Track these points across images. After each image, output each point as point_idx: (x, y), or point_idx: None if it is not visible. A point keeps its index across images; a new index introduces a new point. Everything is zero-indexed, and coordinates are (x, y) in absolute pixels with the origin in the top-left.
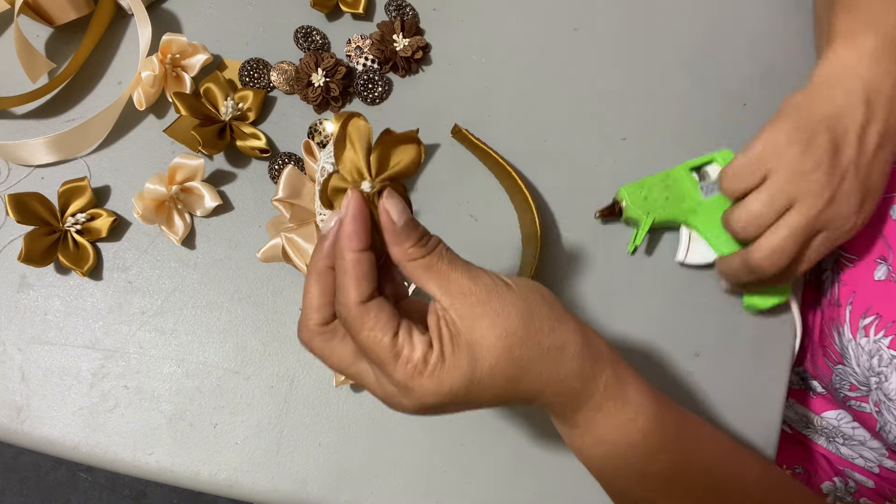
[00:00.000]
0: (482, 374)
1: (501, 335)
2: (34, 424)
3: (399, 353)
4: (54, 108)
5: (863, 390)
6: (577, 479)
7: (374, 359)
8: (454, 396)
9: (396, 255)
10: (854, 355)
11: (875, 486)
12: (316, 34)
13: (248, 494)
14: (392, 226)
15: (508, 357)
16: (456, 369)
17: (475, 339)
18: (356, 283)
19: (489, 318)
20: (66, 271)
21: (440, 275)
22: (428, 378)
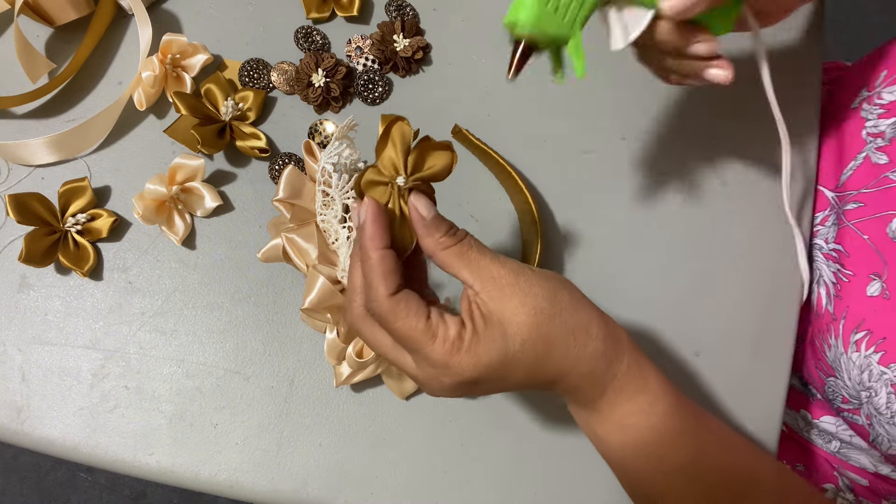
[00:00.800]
0: (515, 350)
1: (531, 313)
2: (34, 424)
3: (435, 333)
4: (54, 108)
5: (854, 403)
6: (576, 478)
7: (411, 345)
8: (490, 371)
9: (429, 245)
10: (845, 369)
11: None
12: (316, 34)
13: (248, 494)
14: (422, 219)
15: (537, 334)
16: (491, 343)
17: (506, 317)
18: (384, 278)
19: (518, 298)
20: (66, 271)
21: (471, 261)
22: (465, 353)
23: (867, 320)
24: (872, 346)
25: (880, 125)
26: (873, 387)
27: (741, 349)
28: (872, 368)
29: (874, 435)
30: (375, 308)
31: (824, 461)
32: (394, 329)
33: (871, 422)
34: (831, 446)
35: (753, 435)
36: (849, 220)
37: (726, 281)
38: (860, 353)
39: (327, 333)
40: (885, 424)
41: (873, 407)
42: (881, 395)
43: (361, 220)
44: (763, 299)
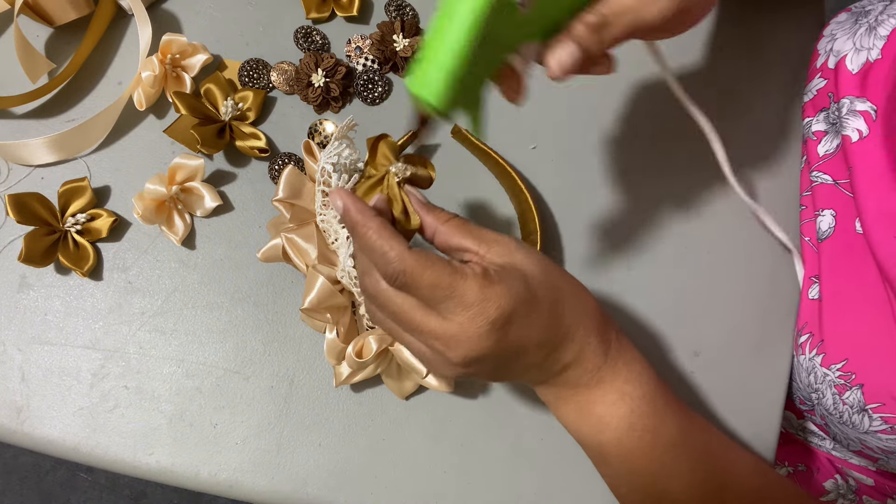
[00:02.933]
0: (536, 283)
1: (538, 262)
2: (34, 425)
3: (465, 273)
4: (54, 108)
5: (808, 405)
6: (576, 478)
7: (443, 292)
8: (521, 302)
9: (431, 222)
10: (796, 372)
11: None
12: (316, 34)
13: (248, 494)
14: (421, 200)
15: (549, 279)
16: (514, 277)
17: (517, 264)
18: (396, 237)
19: (523, 253)
20: (66, 271)
21: (472, 230)
22: (498, 284)
23: (809, 323)
24: (815, 349)
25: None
26: (820, 388)
27: (741, 349)
28: (817, 371)
29: (832, 433)
30: (397, 267)
31: (826, 461)
32: (423, 280)
33: (825, 422)
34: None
35: (753, 435)
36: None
37: (726, 281)
38: (805, 355)
39: (327, 333)
40: (837, 424)
41: (823, 408)
42: (827, 396)
43: (341, 208)
44: (763, 299)
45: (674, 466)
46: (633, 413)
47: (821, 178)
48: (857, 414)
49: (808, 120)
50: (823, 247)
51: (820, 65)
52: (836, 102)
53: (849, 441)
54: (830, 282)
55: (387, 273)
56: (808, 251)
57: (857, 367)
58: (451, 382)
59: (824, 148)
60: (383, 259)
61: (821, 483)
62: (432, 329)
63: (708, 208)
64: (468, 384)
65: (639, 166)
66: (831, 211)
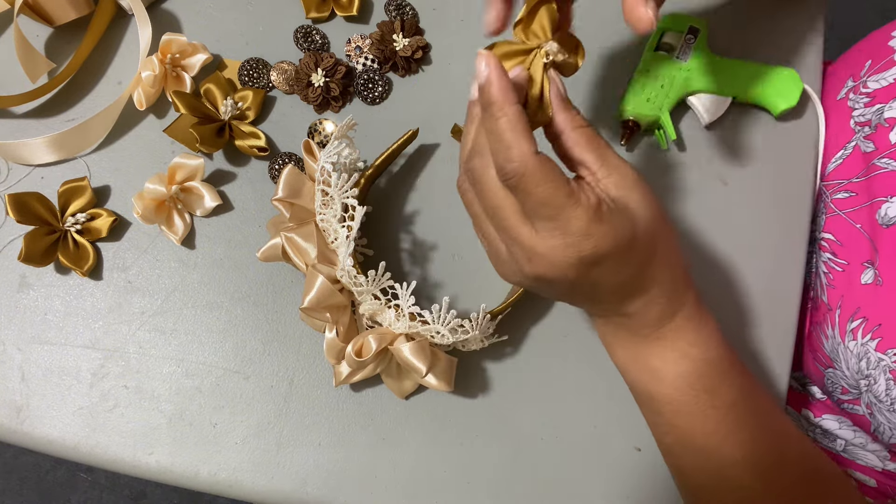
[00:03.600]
0: (640, 232)
1: (650, 208)
2: (34, 424)
3: (579, 199)
4: (54, 107)
5: (854, 393)
6: (575, 478)
7: (550, 211)
8: (619, 250)
9: (564, 121)
10: (843, 359)
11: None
12: (316, 34)
13: (247, 494)
14: (561, 94)
15: (654, 228)
16: (624, 220)
17: (631, 204)
18: (526, 134)
19: (640, 193)
20: (65, 271)
21: (601, 146)
22: (606, 223)
23: (862, 308)
24: (868, 334)
25: (867, 114)
26: (872, 374)
27: (741, 349)
28: (870, 356)
29: (875, 424)
30: (517, 169)
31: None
32: (537, 191)
33: (871, 411)
34: (836, 445)
35: None
36: (840, 210)
37: (726, 281)
38: (857, 341)
39: (326, 333)
40: (885, 412)
41: (873, 395)
42: (880, 381)
43: (483, 76)
44: (763, 299)
45: (730, 427)
46: (692, 373)
47: (891, 165)
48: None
49: (881, 106)
50: (888, 232)
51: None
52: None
53: (894, 432)
54: (894, 266)
55: (503, 169)
56: (859, 237)
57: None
58: (451, 381)
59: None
60: (506, 153)
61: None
62: (521, 237)
63: (708, 208)
64: (468, 384)
65: (638, 166)
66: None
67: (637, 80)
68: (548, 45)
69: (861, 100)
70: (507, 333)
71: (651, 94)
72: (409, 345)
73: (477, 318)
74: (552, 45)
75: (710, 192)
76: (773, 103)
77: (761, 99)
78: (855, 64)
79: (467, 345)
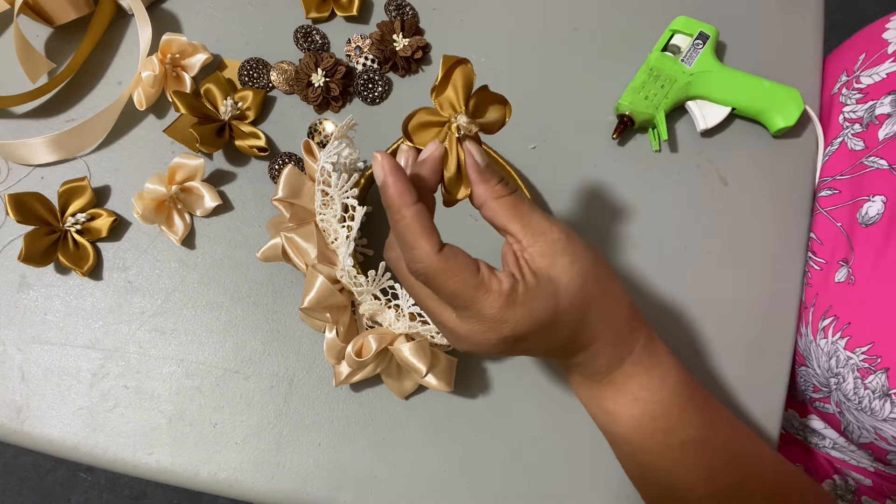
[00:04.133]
0: (564, 307)
1: (579, 272)
2: (34, 424)
3: (489, 287)
4: (54, 107)
5: (824, 391)
6: (575, 478)
7: (462, 302)
8: (540, 327)
9: (482, 193)
10: (815, 357)
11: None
12: (316, 34)
13: (247, 494)
14: (477, 165)
15: (582, 295)
16: (543, 299)
17: (556, 274)
18: (427, 234)
19: (568, 257)
20: (65, 271)
21: (523, 214)
22: (520, 307)
23: (834, 306)
24: (839, 332)
25: (858, 110)
26: (841, 373)
27: (741, 349)
28: (839, 354)
29: (845, 423)
30: (422, 269)
31: (824, 461)
32: (444, 286)
33: (840, 409)
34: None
35: None
36: (823, 208)
37: (726, 281)
38: (827, 339)
39: (326, 333)
40: (853, 411)
41: (842, 393)
42: (848, 380)
43: (380, 178)
44: (763, 299)
45: (688, 463)
46: (644, 416)
47: (877, 163)
48: (878, 399)
49: (873, 103)
50: (865, 231)
51: (893, 51)
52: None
53: (862, 431)
54: (868, 266)
55: (410, 268)
56: (838, 235)
57: (884, 351)
58: (451, 381)
59: (885, 131)
60: (410, 254)
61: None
62: (444, 321)
63: (708, 208)
64: (468, 384)
65: (638, 166)
66: (882, 197)
67: (639, 76)
68: (458, 119)
69: (853, 95)
70: None
71: (650, 93)
72: (409, 345)
73: None
74: (461, 118)
75: (697, 196)
76: (772, 120)
77: (760, 114)
78: (849, 58)
79: None
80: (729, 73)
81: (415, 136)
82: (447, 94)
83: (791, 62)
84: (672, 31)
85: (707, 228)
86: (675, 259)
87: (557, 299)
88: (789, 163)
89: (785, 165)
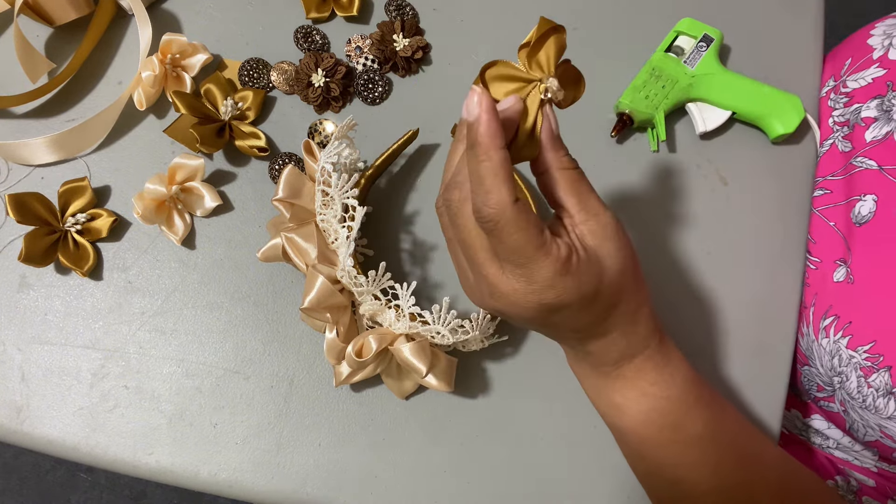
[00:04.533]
0: (605, 285)
1: (621, 260)
2: (34, 424)
3: (549, 250)
4: (54, 107)
5: (828, 391)
6: (575, 478)
7: (520, 259)
8: (582, 301)
9: (550, 160)
10: (817, 356)
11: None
12: (316, 34)
13: (247, 494)
14: (552, 132)
15: (620, 282)
16: (591, 275)
17: (602, 254)
18: (508, 182)
19: (614, 242)
20: (66, 271)
21: (582, 191)
22: (571, 277)
23: (834, 306)
24: (840, 331)
25: (846, 114)
26: (844, 371)
27: (741, 349)
28: (841, 353)
29: (850, 422)
30: (492, 215)
31: (826, 461)
32: (509, 239)
33: (845, 408)
34: (829, 444)
35: None
36: (815, 208)
37: (726, 280)
38: (829, 338)
39: (327, 333)
40: (857, 409)
41: (846, 392)
42: (851, 379)
43: (474, 113)
44: (763, 299)
45: (695, 459)
46: (653, 410)
47: (865, 163)
48: (882, 397)
49: (858, 106)
50: (860, 230)
51: (878, 56)
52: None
53: (867, 429)
54: (865, 264)
55: (479, 211)
56: (832, 235)
57: (886, 349)
58: (451, 381)
59: (872, 134)
60: (484, 197)
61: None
62: (488, 274)
63: (708, 208)
64: (468, 385)
65: (638, 166)
66: (873, 196)
67: (641, 76)
68: (549, 82)
69: (840, 100)
70: (508, 334)
71: (650, 92)
72: (410, 345)
73: (477, 318)
74: (553, 82)
75: (696, 196)
76: (771, 126)
77: (760, 119)
78: (836, 63)
79: (467, 345)
80: (731, 76)
81: (491, 85)
82: (541, 56)
83: (793, 68)
84: (676, 32)
85: (707, 228)
86: (675, 259)
87: (602, 277)
88: (789, 163)
89: (785, 166)
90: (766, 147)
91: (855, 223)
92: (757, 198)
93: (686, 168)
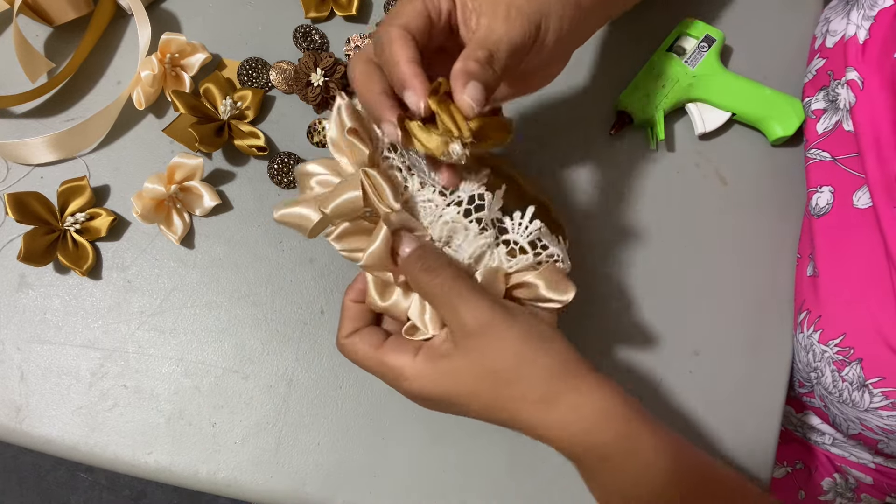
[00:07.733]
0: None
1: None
2: (33, 424)
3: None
4: (53, 107)
5: (807, 386)
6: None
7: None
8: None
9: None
10: (795, 352)
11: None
12: (315, 34)
13: (247, 494)
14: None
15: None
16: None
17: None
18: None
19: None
20: (65, 271)
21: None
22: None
23: (806, 300)
24: (812, 326)
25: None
26: (818, 367)
27: (741, 348)
28: (815, 348)
29: (832, 416)
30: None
31: (825, 459)
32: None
33: (824, 403)
34: (825, 440)
35: (753, 435)
36: None
37: (725, 280)
38: (804, 333)
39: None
40: (836, 403)
41: (823, 388)
42: (826, 373)
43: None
44: (762, 298)
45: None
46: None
47: (819, 155)
48: (857, 391)
49: (808, 99)
50: (820, 223)
51: (818, 46)
52: (836, 80)
53: (848, 423)
54: (828, 257)
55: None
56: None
57: (856, 342)
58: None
59: (823, 126)
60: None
61: (818, 482)
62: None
63: (708, 208)
64: None
65: (638, 164)
66: (829, 187)
67: (641, 75)
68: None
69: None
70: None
71: (650, 92)
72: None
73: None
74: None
75: (696, 195)
76: (771, 128)
77: (759, 121)
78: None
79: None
80: (731, 77)
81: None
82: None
83: (794, 70)
84: (679, 32)
85: (706, 227)
86: (674, 258)
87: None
88: (788, 163)
89: (784, 165)
90: (766, 148)
91: (814, 215)
92: (757, 196)
93: (685, 168)
